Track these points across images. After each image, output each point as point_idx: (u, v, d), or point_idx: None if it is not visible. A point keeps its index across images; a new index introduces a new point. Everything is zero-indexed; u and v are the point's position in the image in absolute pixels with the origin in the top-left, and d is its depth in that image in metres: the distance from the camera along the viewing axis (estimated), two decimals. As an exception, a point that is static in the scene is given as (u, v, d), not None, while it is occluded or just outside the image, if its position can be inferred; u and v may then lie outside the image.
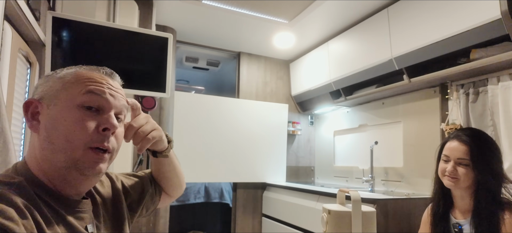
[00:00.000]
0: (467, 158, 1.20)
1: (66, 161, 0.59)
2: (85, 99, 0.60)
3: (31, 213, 0.52)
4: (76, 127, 0.59)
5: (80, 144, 0.59)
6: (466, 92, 1.88)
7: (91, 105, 0.61)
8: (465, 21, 1.64)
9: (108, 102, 0.63)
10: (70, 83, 0.61)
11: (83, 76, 0.62)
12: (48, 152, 0.59)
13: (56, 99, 0.60)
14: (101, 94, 0.62)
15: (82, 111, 0.60)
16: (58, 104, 0.60)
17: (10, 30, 1.15)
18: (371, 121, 2.69)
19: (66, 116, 0.59)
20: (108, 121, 0.61)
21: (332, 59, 2.65)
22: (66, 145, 0.58)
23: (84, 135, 0.59)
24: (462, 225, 1.24)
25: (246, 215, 3.01)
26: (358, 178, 2.74)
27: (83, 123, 0.59)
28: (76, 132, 0.59)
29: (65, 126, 0.58)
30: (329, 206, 0.99)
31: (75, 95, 0.60)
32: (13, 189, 0.53)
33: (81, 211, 0.63)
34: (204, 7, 2.26)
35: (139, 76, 1.90)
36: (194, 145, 2.75)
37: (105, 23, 1.79)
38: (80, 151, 0.59)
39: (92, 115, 0.61)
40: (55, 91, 0.61)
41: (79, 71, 0.64)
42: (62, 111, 0.59)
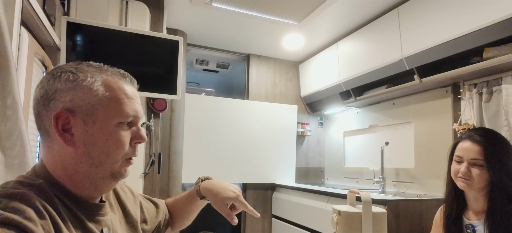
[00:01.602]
0: (481, 159, 1.17)
1: (104, 173, 0.62)
2: (124, 120, 0.63)
3: (50, 214, 0.53)
4: (117, 145, 0.62)
5: (119, 158, 0.63)
6: (479, 92, 1.85)
7: (127, 122, 0.64)
8: (477, 19, 1.61)
9: (138, 117, 0.66)
10: (107, 99, 0.61)
11: (118, 92, 0.63)
12: (86, 165, 0.60)
13: (93, 116, 0.60)
14: (135, 114, 0.65)
15: (120, 128, 0.62)
16: (97, 122, 0.60)
17: (26, 35, 1.19)
18: (382, 122, 2.67)
19: (107, 134, 0.61)
20: (141, 136, 0.66)
21: (342, 59, 2.64)
22: (106, 161, 0.61)
23: (123, 151, 0.63)
24: (475, 226, 1.22)
25: (256, 216, 3.01)
26: (369, 179, 2.72)
27: (123, 141, 0.62)
28: (117, 150, 0.62)
29: (106, 144, 0.61)
30: (339, 207, 0.99)
31: (114, 115, 0.62)
32: (33, 190, 0.55)
33: (99, 214, 0.65)
34: (214, 10, 2.29)
35: (150, 78, 1.93)
36: (204, 146, 2.77)
37: (117, 27, 1.83)
38: (118, 163, 0.63)
39: (127, 129, 0.64)
40: (91, 107, 0.60)
41: (110, 83, 0.63)
42: (103, 130, 0.60)
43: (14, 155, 0.99)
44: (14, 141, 0.97)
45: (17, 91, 0.96)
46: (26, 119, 1.20)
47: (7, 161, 0.98)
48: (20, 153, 0.99)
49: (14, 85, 0.95)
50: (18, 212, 0.49)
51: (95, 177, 0.62)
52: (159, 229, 0.90)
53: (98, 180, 0.62)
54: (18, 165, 0.99)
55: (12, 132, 0.96)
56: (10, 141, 0.97)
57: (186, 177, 2.66)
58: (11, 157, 0.98)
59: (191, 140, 2.71)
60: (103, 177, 0.62)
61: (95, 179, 0.62)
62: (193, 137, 2.72)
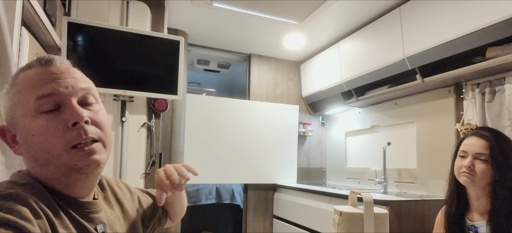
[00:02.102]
0: (486, 153, 1.16)
1: (58, 170, 0.57)
2: (38, 105, 0.56)
3: (45, 213, 0.53)
4: (45, 136, 0.55)
5: (60, 150, 0.56)
6: (482, 92, 1.84)
7: (48, 108, 0.56)
8: (480, 18, 1.60)
9: (63, 95, 0.57)
10: (18, 95, 0.57)
11: (25, 83, 0.58)
12: (38, 168, 0.58)
13: (15, 118, 0.58)
14: (50, 93, 0.56)
15: (42, 118, 0.56)
16: (19, 123, 0.57)
17: (27, 35, 1.19)
18: (384, 122, 2.66)
19: (31, 130, 0.55)
20: (73, 114, 0.56)
21: (344, 59, 2.63)
22: (48, 157, 0.56)
23: (58, 140, 0.55)
24: (478, 227, 1.21)
25: (257, 216, 3.01)
26: (371, 180, 2.71)
27: (50, 130, 0.55)
28: (49, 141, 0.55)
29: (36, 140, 0.55)
30: (341, 208, 0.98)
31: (27, 107, 0.56)
32: (28, 189, 0.55)
33: (91, 212, 0.63)
34: (215, 10, 2.28)
35: (151, 79, 1.93)
36: (205, 146, 2.77)
37: (118, 27, 1.83)
38: (64, 155, 0.56)
39: (55, 116, 0.56)
40: (10, 112, 0.58)
41: (18, 78, 0.59)
42: (26, 128, 0.56)
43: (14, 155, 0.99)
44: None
45: (18, 91, 0.96)
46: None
47: (8, 161, 0.98)
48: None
49: (15, 85, 0.95)
50: (14, 212, 0.49)
51: (55, 176, 0.58)
52: (160, 220, 0.89)
53: (61, 178, 0.58)
54: (18, 166, 0.99)
55: (12, 133, 0.96)
56: (11, 142, 0.97)
57: (187, 177, 2.66)
58: (12, 157, 0.98)
59: (192, 141, 2.71)
60: (62, 174, 0.57)
61: (57, 178, 0.58)
62: (194, 138, 2.72)
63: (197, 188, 3.32)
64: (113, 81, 1.76)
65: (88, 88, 0.61)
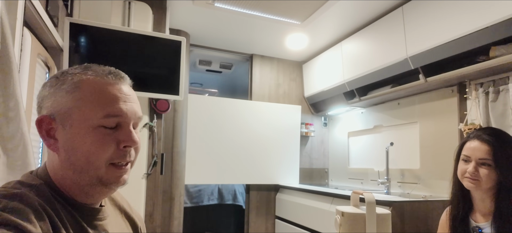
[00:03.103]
0: (489, 158, 1.15)
1: (90, 180, 0.59)
2: (104, 121, 0.58)
3: (49, 215, 0.53)
4: (96, 148, 0.57)
5: (101, 163, 0.58)
6: (485, 91, 1.82)
7: (110, 126, 0.59)
8: (483, 17, 1.59)
9: (126, 118, 0.60)
10: (82, 102, 0.58)
11: (94, 93, 0.58)
12: (70, 172, 0.59)
13: (70, 119, 0.57)
14: (119, 115, 0.59)
15: (101, 131, 0.58)
16: (74, 125, 0.57)
17: (29, 36, 1.19)
18: (386, 122, 2.64)
19: (85, 138, 0.57)
20: (130, 138, 0.60)
21: (346, 59, 2.62)
22: (88, 166, 0.58)
23: (105, 155, 0.58)
24: (483, 228, 1.20)
25: (259, 217, 3.00)
26: (373, 180, 2.69)
27: (103, 144, 0.58)
28: (97, 153, 0.57)
29: (85, 148, 0.57)
30: (343, 208, 0.98)
31: (92, 117, 0.57)
32: (33, 191, 0.55)
33: (96, 219, 0.64)
34: (216, 10, 2.28)
35: (153, 79, 1.93)
36: (207, 147, 2.77)
37: (120, 28, 1.83)
38: (102, 169, 0.58)
39: (111, 133, 0.59)
40: (67, 110, 0.58)
41: (85, 83, 0.59)
42: (79, 134, 0.57)
43: (17, 156, 0.99)
44: (17, 142, 0.97)
45: (20, 92, 0.97)
46: (29, 120, 1.21)
47: (10, 162, 0.98)
48: (22, 154, 0.99)
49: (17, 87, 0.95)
50: (17, 212, 0.49)
51: (82, 183, 0.59)
52: None
53: (86, 187, 0.59)
54: (20, 166, 0.99)
55: (14, 133, 0.97)
56: (13, 143, 0.97)
57: (189, 178, 2.66)
58: (14, 158, 0.98)
59: (194, 141, 2.70)
60: (90, 184, 0.59)
61: (83, 186, 0.59)
62: (196, 138, 2.72)
63: (199, 188, 3.32)
64: (115, 81, 1.75)
65: (140, 117, 0.65)
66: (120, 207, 0.76)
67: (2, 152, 0.95)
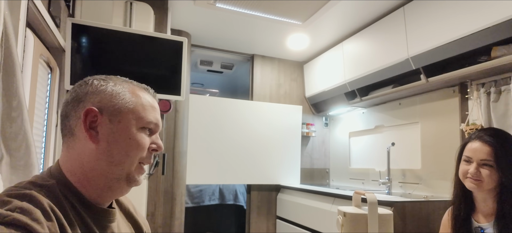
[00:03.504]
0: (491, 159, 1.15)
1: (120, 174, 0.64)
2: (146, 124, 0.67)
3: (57, 216, 0.54)
4: (138, 146, 0.65)
5: (135, 160, 0.65)
6: (487, 91, 1.82)
7: (149, 129, 0.68)
8: (485, 17, 1.59)
9: (158, 127, 0.71)
10: (133, 104, 0.66)
11: (142, 100, 0.69)
12: (104, 163, 0.62)
13: (119, 116, 0.64)
14: (156, 123, 0.70)
15: (143, 132, 0.67)
16: (123, 122, 0.64)
17: (32, 36, 1.20)
18: (388, 122, 2.64)
19: (130, 134, 0.64)
20: (159, 144, 0.70)
21: (347, 59, 2.62)
22: (125, 160, 0.64)
23: (141, 153, 0.66)
24: (485, 229, 1.20)
25: (260, 217, 3.00)
26: (375, 181, 2.69)
27: (143, 143, 0.66)
28: (137, 151, 0.65)
29: (128, 144, 0.64)
30: (345, 209, 0.98)
31: (138, 119, 0.66)
32: (43, 191, 0.56)
33: (106, 220, 0.65)
34: (218, 10, 2.28)
35: (154, 79, 1.94)
36: (208, 147, 2.77)
37: (122, 28, 1.83)
38: (135, 165, 0.65)
39: (147, 136, 0.68)
40: (118, 108, 0.65)
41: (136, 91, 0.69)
42: (126, 130, 0.64)
43: (20, 156, 0.99)
44: (20, 142, 0.98)
45: (22, 92, 0.97)
46: (32, 120, 1.21)
47: (13, 162, 0.98)
48: (25, 154, 0.99)
49: (19, 86, 0.96)
50: (26, 213, 0.50)
51: (111, 176, 0.63)
52: None
53: (113, 180, 0.64)
54: (23, 166, 1.00)
55: (17, 133, 0.97)
56: (16, 143, 0.97)
57: (190, 178, 2.66)
58: (17, 158, 0.99)
59: (195, 141, 2.71)
60: (118, 178, 0.64)
61: (111, 179, 0.63)
62: (197, 138, 2.72)
63: (200, 188, 3.32)
64: (117, 82, 1.76)
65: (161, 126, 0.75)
66: (125, 209, 0.77)
67: (5, 152, 0.95)
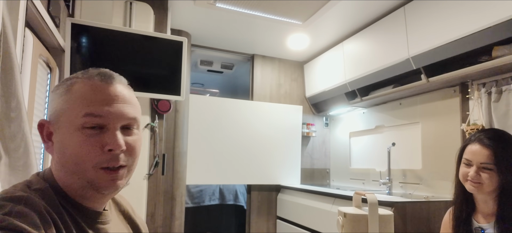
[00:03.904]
0: (490, 163, 1.14)
1: (80, 182, 0.59)
2: (85, 121, 0.57)
3: (53, 220, 0.54)
4: (80, 151, 0.57)
5: (88, 166, 0.57)
6: (488, 91, 1.81)
7: (93, 125, 0.58)
8: (486, 17, 1.58)
9: (110, 119, 0.59)
10: (68, 103, 0.59)
11: (79, 95, 0.59)
12: (62, 174, 0.60)
13: (59, 122, 0.59)
14: (100, 115, 0.58)
15: (84, 132, 0.57)
16: (61, 128, 0.58)
17: (31, 36, 1.19)
18: (388, 122, 2.63)
19: (70, 140, 0.57)
20: (113, 142, 0.58)
21: (347, 59, 2.62)
22: (76, 168, 0.58)
23: (90, 158, 0.57)
24: (485, 229, 1.19)
25: (260, 217, 3.00)
26: (375, 181, 2.69)
27: (86, 147, 0.57)
28: (82, 156, 0.57)
29: (71, 150, 0.57)
30: (345, 209, 0.97)
31: (74, 118, 0.57)
32: (39, 194, 0.56)
33: (99, 222, 0.64)
34: (218, 10, 2.28)
35: (154, 79, 1.93)
36: (208, 147, 2.76)
37: (121, 28, 1.83)
38: (91, 172, 0.58)
39: (95, 134, 0.58)
40: (57, 113, 0.60)
41: (74, 86, 0.60)
42: (65, 136, 0.58)
43: (18, 156, 0.99)
44: (18, 142, 0.97)
45: (21, 93, 0.97)
46: (30, 121, 1.21)
47: (11, 162, 0.98)
48: (24, 154, 0.99)
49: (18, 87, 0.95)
50: (22, 217, 0.50)
51: (75, 186, 0.59)
52: None
53: (79, 190, 0.59)
54: (22, 167, 0.99)
55: (16, 134, 0.97)
56: (15, 143, 0.97)
57: (190, 178, 2.66)
58: (15, 158, 0.99)
59: (195, 141, 2.70)
60: (82, 187, 0.59)
61: (76, 189, 0.59)
62: (197, 138, 2.72)
63: (200, 189, 3.32)
64: (117, 82, 1.75)
65: (134, 118, 0.62)
66: (123, 211, 0.76)
67: (3, 152, 0.95)
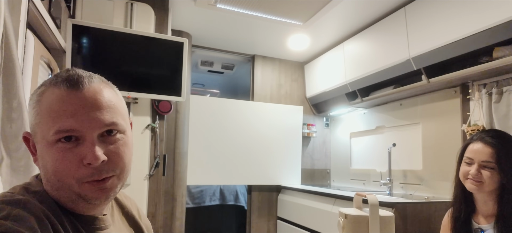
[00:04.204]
0: (492, 161, 1.14)
1: (69, 197, 0.55)
2: (56, 138, 0.52)
3: (51, 223, 0.53)
4: (59, 166, 0.53)
5: (71, 181, 0.53)
6: (489, 92, 1.81)
7: (66, 140, 0.53)
8: (487, 18, 1.58)
9: (83, 130, 0.53)
10: (40, 117, 0.54)
11: (47, 107, 0.53)
12: (49, 187, 0.56)
13: (36, 136, 0.55)
14: (70, 129, 0.52)
15: (59, 147, 0.53)
16: (39, 143, 0.55)
17: (32, 38, 1.19)
18: (389, 123, 2.63)
19: (47, 156, 0.53)
20: (88, 155, 0.52)
21: (348, 60, 2.62)
22: (59, 184, 0.54)
23: (71, 173, 0.53)
24: (485, 230, 1.19)
25: (261, 217, 3.00)
26: (376, 181, 2.69)
27: (64, 162, 0.52)
28: (61, 171, 0.53)
29: (50, 166, 0.53)
30: (346, 210, 0.97)
31: (46, 134, 0.53)
32: (37, 197, 0.55)
33: (97, 228, 0.62)
34: (218, 11, 2.28)
35: (155, 80, 1.94)
36: (209, 148, 2.77)
37: (122, 29, 1.83)
38: (75, 186, 0.54)
39: (72, 148, 0.53)
40: (33, 127, 0.56)
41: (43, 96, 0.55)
42: (43, 151, 0.54)
43: (19, 157, 0.99)
44: (19, 143, 0.98)
45: (22, 94, 0.97)
46: (32, 121, 1.21)
47: (13, 163, 0.98)
48: (25, 155, 0.99)
49: (20, 88, 0.96)
50: (19, 221, 0.49)
51: (63, 200, 0.56)
52: None
53: (69, 203, 0.56)
54: (23, 167, 1.00)
55: (17, 135, 0.97)
56: (16, 144, 0.98)
57: (191, 178, 2.66)
58: (17, 159, 0.99)
59: (196, 142, 2.71)
60: (72, 200, 0.55)
61: (66, 202, 0.56)
62: (198, 139, 2.72)
63: (201, 189, 3.32)
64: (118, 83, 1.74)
65: (112, 123, 0.56)
66: (128, 213, 0.74)
67: (5, 154, 0.95)
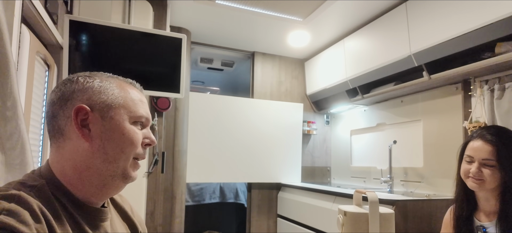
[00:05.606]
0: (493, 159, 1.13)
1: (115, 171, 0.63)
2: (140, 120, 0.68)
3: (46, 217, 0.54)
4: (132, 141, 0.65)
5: (130, 155, 0.65)
6: (491, 88, 1.80)
7: (141, 122, 0.69)
8: (489, 13, 1.56)
9: (149, 120, 0.71)
10: (122, 99, 0.66)
11: (131, 94, 0.69)
12: (99, 161, 0.62)
13: (111, 112, 0.64)
14: (146, 117, 0.70)
15: (135, 126, 0.67)
16: (115, 118, 0.63)
17: (28, 33, 1.18)
18: (390, 120, 2.62)
19: (123, 130, 0.64)
20: (151, 138, 0.70)
21: (349, 56, 2.60)
22: (120, 157, 0.63)
23: (135, 148, 0.65)
24: (487, 228, 1.18)
25: (261, 215, 2.99)
26: (376, 179, 2.67)
27: (137, 138, 0.66)
28: (132, 146, 0.65)
29: (122, 139, 0.63)
30: (345, 208, 0.96)
31: (130, 113, 0.66)
32: (33, 191, 0.56)
33: (98, 219, 0.65)
34: (218, 7, 2.26)
35: (154, 77, 1.92)
36: (209, 145, 2.76)
37: (120, 25, 1.82)
38: (129, 161, 0.65)
39: (140, 129, 0.68)
40: (108, 104, 0.64)
41: (124, 86, 0.68)
42: (119, 125, 0.64)
43: (15, 155, 0.98)
44: (15, 141, 0.96)
45: (17, 91, 0.95)
46: (28, 119, 1.20)
47: (8, 161, 0.97)
48: (20, 153, 0.98)
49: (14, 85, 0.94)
50: (13, 215, 0.50)
51: (106, 174, 0.63)
52: None
53: (107, 178, 0.63)
54: (19, 165, 0.98)
55: (12, 132, 0.96)
56: (11, 142, 0.96)
57: (190, 176, 2.65)
58: (12, 157, 0.98)
59: (195, 139, 2.69)
60: (113, 175, 0.63)
61: (106, 177, 0.63)
62: (197, 136, 2.71)
63: (201, 187, 3.31)
64: (116, 79, 1.75)
65: None
66: (121, 209, 0.76)
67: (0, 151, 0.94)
